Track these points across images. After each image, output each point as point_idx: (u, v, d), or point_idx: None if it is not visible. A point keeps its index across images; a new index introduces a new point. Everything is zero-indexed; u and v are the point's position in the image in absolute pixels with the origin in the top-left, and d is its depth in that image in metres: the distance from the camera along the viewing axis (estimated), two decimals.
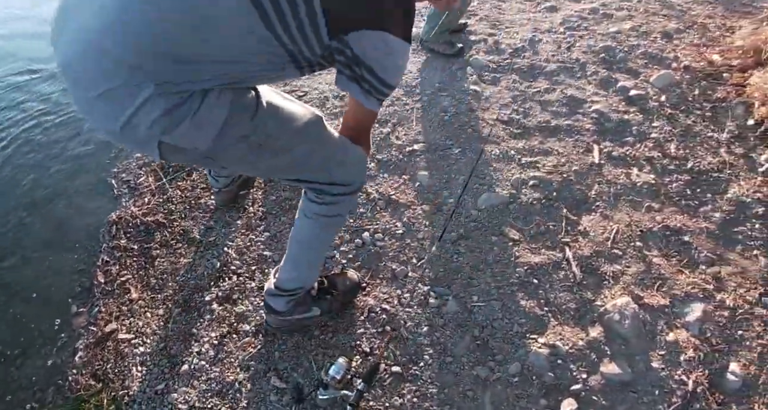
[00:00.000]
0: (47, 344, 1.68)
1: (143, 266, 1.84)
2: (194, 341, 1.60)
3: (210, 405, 1.44)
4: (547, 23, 3.08)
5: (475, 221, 1.86)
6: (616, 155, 2.12)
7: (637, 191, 1.97)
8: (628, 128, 2.26)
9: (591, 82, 2.56)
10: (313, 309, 1.52)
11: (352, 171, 1.28)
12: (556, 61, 2.71)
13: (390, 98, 2.49)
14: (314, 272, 1.47)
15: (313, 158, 1.18)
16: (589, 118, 2.32)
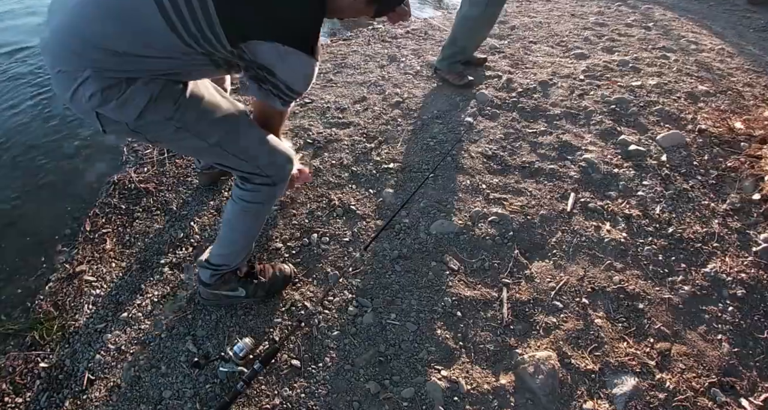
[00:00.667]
0: (29, 271, 1.80)
1: (123, 224, 1.93)
2: (139, 295, 1.67)
3: (132, 350, 1.50)
4: (569, 69, 2.93)
5: (421, 244, 1.77)
6: (593, 206, 1.95)
7: (602, 248, 1.79)
8: (614, 182, 2.09)
9: (592, 131, 2.39)
10: (238, 289, 1.55)
11: (271, 166, 1.32)
12: (563, 106, 2.57)
13: (385, 118, 2.47)
14: (238, 253, 1.49)
15: (229, 148, 1.25)
16: (577, 166, 2.16)
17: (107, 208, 2.00)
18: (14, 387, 1.48)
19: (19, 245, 1.92)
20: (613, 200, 2.00)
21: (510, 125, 2.42)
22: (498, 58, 3.08)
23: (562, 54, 3.14)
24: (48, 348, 1.56)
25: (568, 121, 2.46)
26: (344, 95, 2.68)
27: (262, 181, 1.33)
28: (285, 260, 1.72)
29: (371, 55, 3.12)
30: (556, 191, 2.03)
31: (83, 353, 1.52)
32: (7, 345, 1.59)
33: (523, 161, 2.18)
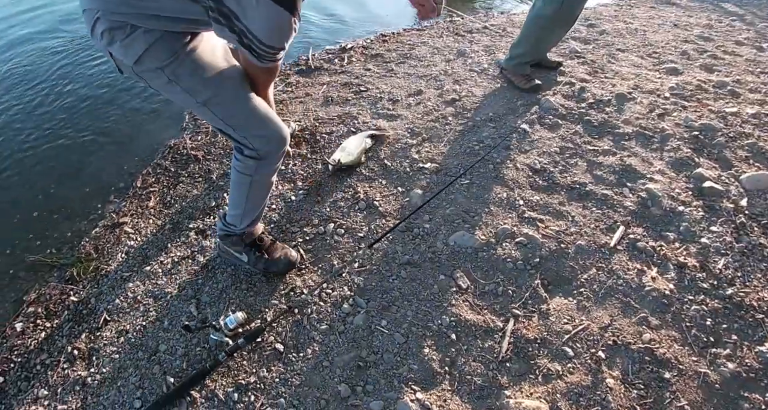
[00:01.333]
0: (83, 214, 1.92)
1: (168, 186, 1.97)
2: (164, 253, 1.69)
3: (145, 302, 1.55)
4: (654, 84, 2.47)
5: (435, 253, 1.59)
6: (642, 246, 1.61)
7: (640, 297, 1.48)
8: (676, 222, 1.71)
9: (664, 158, 1.99)
10: (243, 254, 1.54)
11: (257, 139, 1.24)
12: (637, 125, 2.16)
13: (436, 114, 2.26)
14: (242, 218, 1.47)
15: (216, 110, 1.19)
16: (636, 195, 1.81)
17: (159, 169, 2.05)
18: (47, 313, 1.59)
19: (82, 191, 2.04)
20: (668, 243, 1.65)
21: (570, 139, 2.10)
22: (576, 64, 2.68)
23: (651, 66, 2.66)
24: (81, 285, 1.65)
25: (638, 142, 2.07)
26: (400, 87, 2.49)
27: (249, 153, 1.27)
28: (297, 245, 1.64)
29: (440, 48, 2.87)
30: (603, 220, 1.72)
31: (106, 295, 1.59)
32: (51, 275, 1.71)
33: (574, 181, 1.87)
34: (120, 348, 1.44)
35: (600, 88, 2.44)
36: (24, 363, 1.46)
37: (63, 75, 2.84)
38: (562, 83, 2.47)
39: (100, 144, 2.27)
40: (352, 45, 2.98)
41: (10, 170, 2.19)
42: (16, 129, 2.44)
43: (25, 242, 1.85)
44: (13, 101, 2.65)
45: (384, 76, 2.59)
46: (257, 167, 1.32)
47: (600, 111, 2.26)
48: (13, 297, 1.69)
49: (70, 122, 2.42)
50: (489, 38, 3.02)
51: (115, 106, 2.51)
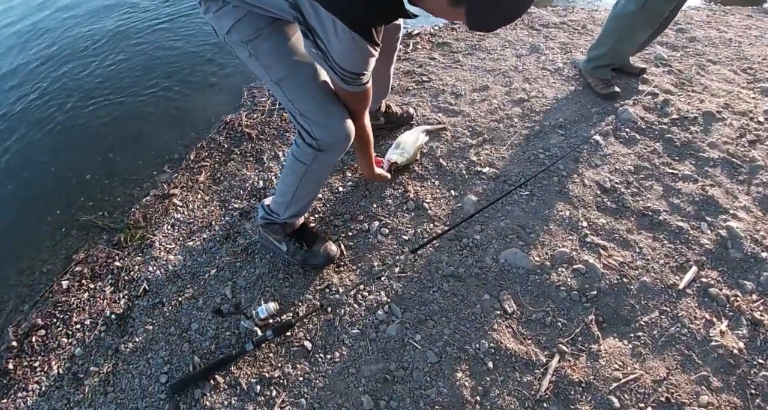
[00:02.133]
0: (137, 181, 1.91)
1: (220, 162, 1.90)
2: (208, 230, 1.64)
3: (184, 278, 1.51)
4: (747, 105, 2.09)
5: (482, 269, 1.42)
6: (714, 293, 1.36)
7: (704, 352, 1.24)
8: (757, 270, 1.43)
9: (751, 193, 1.67)
10: (282, 243, 1.44)
11: (320, 129, 1.15)
12: (725, 150, 1.83)
13: (500, 114, 2.01)
14: (287, 207, 1.37)
15: (287, 91, 1.13)
16: (715, 233, 1.53)
17: (213, 143, 1.98)
18: (92, 273, 1.58)
19: (138, 157, 2.02)
20: (745, 294, 1.38)
21: (646, 157, 1.81)
22: (661, 72, 2.32)
23: (744, 84, 2.25)
24: (126, 251, 1.62)
25: (723, 171, 1.76)
26: (465, 80, 2.25)
27: (310, 141, 1.18)
28: (339, 240, 1.52)
29: (512, 41, 2.58)
30: (674, 257, 1.47)
31: (149, 265, 1.55)
32: (100, 237, 1.70)
33: (647, 207, 1.61)
34: (155, 320, 1.41)
35: (686, 104, 2.09)
36: (66, 320, 1.47)
37: (132, 43, 2.82)
38: (644, 93, 2.14)
39: (159, 113, 2.24)
40: (419, 31, 2.74)
41: (76, 132, 2.21)
42: (84, 90, 2.46)
43: (80, 202, 1.87)
44: (83, 65, 2.66)
45: (449, 67, 2.35)
46: (315, 158, 1.21)
47: (684, 130, 1.94)
48: (64, 254, 1.70)
49: (133, 90, 2.40)
50: (566, 35, 2.68)
51: (178, 77, 2.47)
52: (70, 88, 2.48)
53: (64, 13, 3.33)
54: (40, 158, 2.08)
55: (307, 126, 1.15)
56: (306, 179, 1.28)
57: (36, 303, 1.57)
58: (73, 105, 2.36)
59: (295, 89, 1.12)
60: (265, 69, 1.11)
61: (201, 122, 2.13)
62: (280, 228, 1.42)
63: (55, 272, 1.65)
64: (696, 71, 2.38)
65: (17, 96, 2.48)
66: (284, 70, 1.10)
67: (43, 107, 2.37)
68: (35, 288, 1.63)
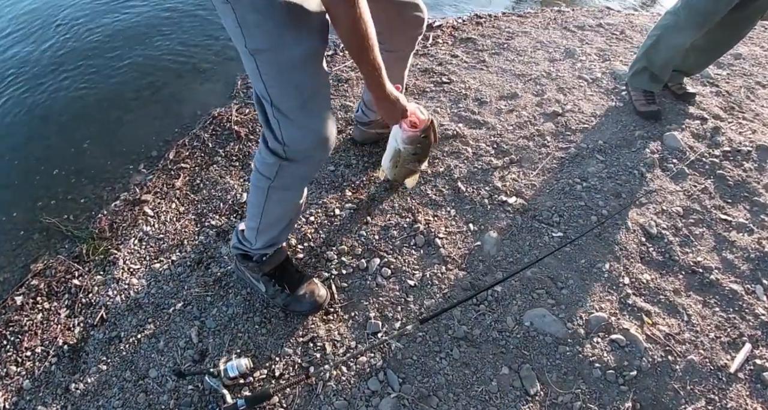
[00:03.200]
0: (109, 179, 1.57)
1: (201, 164, 1.54)
2: (179, 250, 1.30)
3: (146, 309, 1.19)
4: None
5: (502, 333, 1.10)
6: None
7: None
8: None
9: None
10: (260, 283, 1.11)
11: (291, 131, 0.84)
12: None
13: (531, 129, 1.65)
14: (257, 235, 1.05)
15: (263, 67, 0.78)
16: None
17: (196, 141, 1.61)
18: (49, 290, 1.27)
19: (114, 151, 1.66)
20: None
21: (697, 198, 1.47)
22: (709, 93, 1.94)
23: None
24: (87, 267, 1.31)
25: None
26: (492, 85, 1.86)
27: (274, 146, 0.87)
28: (330, 278, 1.19)
29: (544, 42, 2.17)
30: (726, 329, 1.15)
31: (109, 288, 1.23)
32: (61, 246, 1.39)
33: (697, 262, 1.28)
34: (110, 359, 1.11)
35: (737, 133, 1.73)
36: (16, 344, 1.18)
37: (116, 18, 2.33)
38: (693, 117, 1.77)
39: (143, 100, 1.85)
40: (440, 23, 2.31)
41: (51, 117, 1.82)
42: (62, 71, 2.03)
43: (46, 201, 1.53)
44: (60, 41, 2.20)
45: (473, 67, 1.95)
46: (280, 169, 0.89)
47: (737, 165, 1.59)
48: (23, 261, 1.40)
49: (118, 72, 1.98)
50: (604, 40, 2.27)
51: (168, 59, 2.04)
52: (45, 66, 2.05)
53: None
54: (8, 146, 1.72)
55: (276, 123, 0.84)
56: (272, 199, 0.96)
57: None
58: (48, 86, 1.95)
59: (274, 69, 0.78)
60: (240, 26, 0.74)
61: (186, 114, 1.75)
62: (256, 266, 1.09)
63: (11, 282, 1.35)
64: (745, 95, 2.00)
65: None
66: (266, 39, 0.74)
67: (14, 87, 1.95)
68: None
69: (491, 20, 2.35)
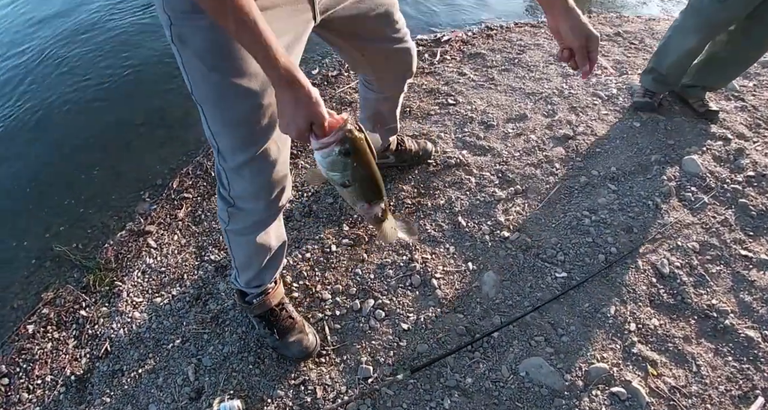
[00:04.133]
0: (115, 208, 1.63)
1: (202, 195, 1.57)
2: (179, 285, 1.34)
3: (147, 344, 1.23)
4: None
5: (496, 383, 1.07)
6: None
7: None
8: None
9: None
10: (254, 321, 1.14)
11: (233, 177, 0.81)
12: None
13: (539, 156, 1.59)
14: (238, 271, 1.06)
15: (206, 117, 0.74)
16: None
17: (199, 170, 1.64)
18: (58, 319, 1.34)
19: (121, 179, 1.71)
20: None
21: (715, 231, 1.39)
22: (733, 108, 1.82)
23: None
24: (94, 298, 1.37)
25: None
26: (500, 105, 1.80)
27: (223, 192, 0.86)
28: (324, 319, 1.19)
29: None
30: (737, 381, 1.09)
31: (114, 320, 1.29)
32: (71, 275, 1.46)
33: (711, 305, 1.22)
34: (113, 392, 1.16)
35: (763, 155, 1.62)
36: (28, 371, 1.25)
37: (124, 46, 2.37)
38: (715, 137, 1.67)
39: (151, 126, 1.89)
40: (449, 37, 2.24)
41: (62, 141, 1.88)
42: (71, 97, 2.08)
43: (56, 227, 1.60)
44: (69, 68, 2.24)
45: (481, 86, 1.89)
46: (230, 216, 0.89)
47: (761, 192, 1.49)
48: (35, 289, 1.47)
49: (127, 97, 2.03)
50: (622, 51, 2.16)
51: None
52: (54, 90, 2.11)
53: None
54: (19, 173, 1.79)
55: (222, 171, 0.83)
56: (233, 241, 0.97)
57: (2, 345, 1.36)
58: (58, 112, 2.01)
59: (220, 120, 0.74)
60: (185, 71, 0.70)
61: (191, 140, 1.78)
62: (248, 307, 1.11)
63: (24, 309, 1.42)
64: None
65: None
66: (212, 90, 0.70)
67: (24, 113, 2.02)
68: (4, 325, 1.41)
69: (503, 32, 2.27)
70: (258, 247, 0.99)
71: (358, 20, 0.87)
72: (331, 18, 0.82)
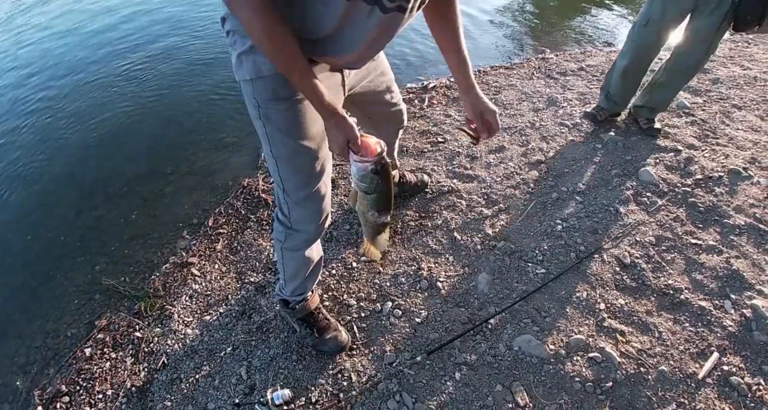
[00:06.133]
0: (157, 246, 2.05)
1: (237, 230, 2.03)
2: (225, 304, 1.74)
3: (201, 354, 1.58)
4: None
5: (495, 357, 1.47)
6: (735, 382, 1.38)
7: None
8: None
9: None
10: (295, 324, 1.55)
11: (298, 212, 1.22)
12: (751, 215, 1.85)
13: (517, 179, 2.09)
14: (285, 283, 1.45)
15: (279, 167, 1.14)
16: (739, 313, 1.55)
17: (230, 209, 2.11)
18: (114, 342, 1.69)
19: (159, 220, 2.17)
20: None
21: (669, 226, 1.85)
22: (684, 123, 2.35)
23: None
24: (146, 321, 1.74)
25: (750, 240, 1.77)
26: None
27: (283, 219, 1.25)
28: (352, 321, 1.61)
29: (529, 93, 2.67)
30: (695, 342, 1.49)
31: (168, 338, 1.65)
32: (122, 304, 1.83)
33: (668, 284, 1.64)
34: (173, 396, 1.50)
35: (710, 160, 2.12)
36: (89, 389, 1.57)
37: (155, 98, 3.01)
38: (667, 150, 2.17)
39: (180, 174, 2.40)
40: (434, 84, 2.87)
41: (99, 190, 2.38)
42: (102, 149, 2.65)
43: (103, 265, 2.01)
44: (107, 122, 2.86)
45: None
46: (287, 236, 1.30)
47: (708, 191, 1.97)
48: (87, 319, 1.83)
49: (155, 148, 2.58)
50: (585, 83, 2.75)
51: (198, 135, 2.64)
52: (89, 142, 2.69)
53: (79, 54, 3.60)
54: (62, 218, 2.26)
55: (285, 205, 1.23)
56: (286, 256, 1.38)
57: (61, 369, 1.69)
58: (96, 160, 2.56)
59: (290, 170, 1.16)
60: (268, 138, 1.10)
61: (220, 185, 2.29)
62: (291, 312, 1.52)
63: (78, 337, 1.78)
64: (720, 120, 2.40)
65: (36, 151, 2.70)
66: (287, 150, 1.11)
67: (61, 166, 2.56)
68: (60, 352, 1.75)
69: (481, 75, 2.87)
70: (305, 260, 1.43)
71: (369, 94, 1.37)
72: (353, 93, 1.32)
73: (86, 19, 4.48)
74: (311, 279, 1.50)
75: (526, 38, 3.65)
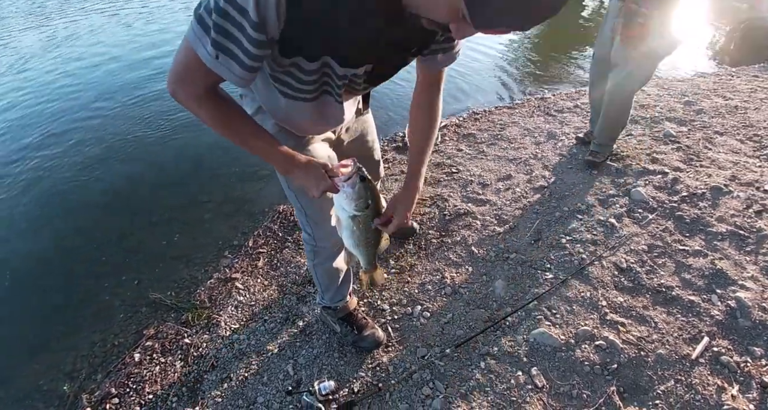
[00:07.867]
0: (200, 264, 2.45)
1: (276, 249, 2.45)
2: (268, 312, 2.11)
3: (248, 355, 1.91)
4: (753, 174, 2.57)
5: (514, 347, 1.83)
6: (725, 360, 1.72)
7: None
8: (765, 336, 1.79)
9: (759, 262, 2.07)
10: (336, 324, 1.89)
11: (320, 232, 1.52)
12: (732, 223, 2.27)
13: (524, 202, 2.53)
14: (322, 292, 1.79)
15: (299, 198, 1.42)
16: (724, 304, 1.92)
17: (268, 232, 2.55)
18: (162, 348, 2.03)
19: (200, 242, 2.60)
20: (755, 359, 1.73)
21: (659, 236, 2.26)
22: (670, 150, 2.83)
23: (750, 152, 2.74)
24: (194, 330, 2.09)
25: (732, 243, 2.18)
26: (491, 170, 2.82)
27: (309, 239, 1.56)
28: (386, 323, 1.97)
29: (530, 129, 3.20)
30: (687, 329, 1.85)
31: (216, 343, 2.00)
32: (168, 315, 2.19)
33: (660, 284, 2.02)
34: (223, 393, 1.82)
35: (695, 179, 2.57)
36: (138, 390, 1.88)
37: (189, 136, 3.58)
38: (655, 173, 2.63)
39: (217, 202, 2.87)
40: (446, 123, 3.41)
41: (141, 216, 2.83)
42: (140, 181, 3.16)
43: (148, 282, 2.40)
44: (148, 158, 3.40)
45: (475, 157, 2.95)
46: (315, 254, 1.62)
47: (693, 206, 2.40)
48: (134, 329, 2.17)
49: (193, 180, 3.07)
50: (580, 119, 3.28)
51: (232, 168, 3.14)
52: (130, 174, 3.20)
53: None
54: (106, 241, 2.68)
55: (309, 227, 1.52)
56: (318, 271, 1.73)
57: (109, 373, 1.98)
58: (132, 193, 3.03)
59: (306, 198, 1.40)
60: (282, 177, 1.37)
61: (256, 211, 2.73)
62: (333, 313, 1.89)
63: (126, 346, 2.09)
64: (703, 145, 2.88)
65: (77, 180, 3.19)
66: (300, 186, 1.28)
67: (109, 197, 3.04)
68: (107, 359, 2.05)
69: (486, 115, 3.43)
70: (334, 270, 1.79)
71: (356, 144, 1.57)
72: (345, 146, 1.67)
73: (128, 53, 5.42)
74: (345, 286, 1.86)
75: (525, 81, 4.29)
